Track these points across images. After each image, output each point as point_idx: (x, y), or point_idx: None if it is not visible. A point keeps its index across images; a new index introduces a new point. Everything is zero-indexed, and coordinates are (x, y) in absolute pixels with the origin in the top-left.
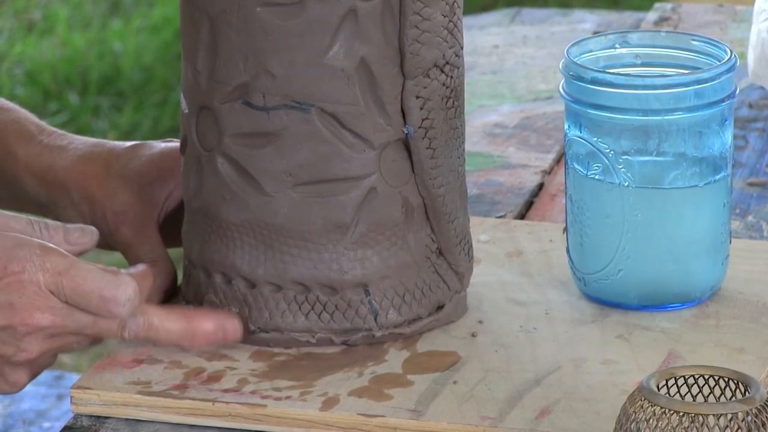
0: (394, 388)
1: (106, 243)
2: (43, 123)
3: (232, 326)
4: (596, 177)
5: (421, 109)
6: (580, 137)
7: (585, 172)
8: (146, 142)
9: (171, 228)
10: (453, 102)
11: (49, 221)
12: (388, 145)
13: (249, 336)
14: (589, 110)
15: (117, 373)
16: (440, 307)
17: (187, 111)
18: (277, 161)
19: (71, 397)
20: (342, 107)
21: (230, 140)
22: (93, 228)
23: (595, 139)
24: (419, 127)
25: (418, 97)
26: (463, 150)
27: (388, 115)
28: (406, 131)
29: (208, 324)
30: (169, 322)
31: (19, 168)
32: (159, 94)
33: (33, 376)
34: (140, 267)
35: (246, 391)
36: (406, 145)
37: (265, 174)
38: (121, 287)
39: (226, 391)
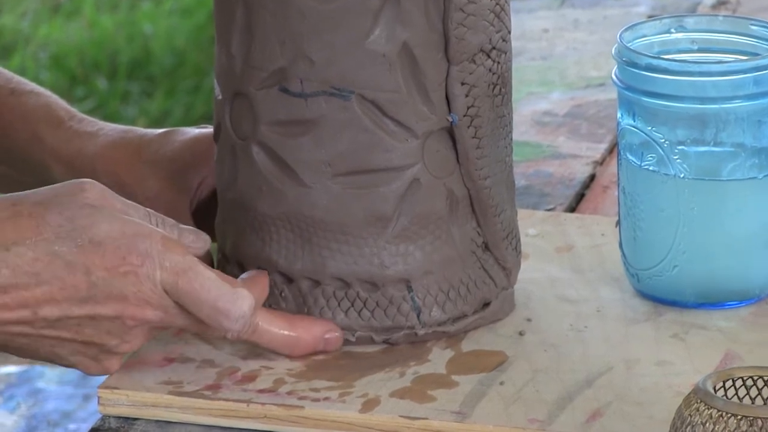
0: (437, 389)
1: None
2: (73, 109)
3: (335, 338)
4: (650, 168)
5: (467, 96)
6: (633, 126)
7: (639, 163)
8: (179, 129)
9: (204, 219)
10: (500, 89)
11: (165, 217)
12: (432, 134)
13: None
14: (643, 98)
15: (147, 372)
16: (486, 305)
17: (220, 97)
18: (315, 151)
19: (98, 397)
20: (383, 94)
21: (266, 128)
22: (206, 235)
23: (650, 128)
24: (464, 116)
25: (463, 84)
26: (511, 139)
27: (431, 103)
28: (450, 119)
29: (312, 334)
30: (274, 326)
31: (46, 154)
32: (191, 79)
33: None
34: (254, 273)
35: (282, 392)
36: (450, 134)
37: (303, 164)
38: (238, 302)
39: (261, 391)
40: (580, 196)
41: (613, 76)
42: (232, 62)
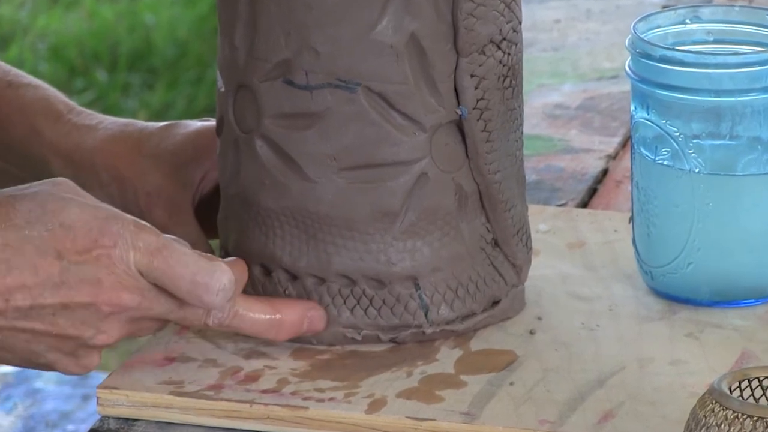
0: (445, 390)
1: None
2: (71, 102)
3: (318, 316)
4: (665, 162)
5: (476, 88)
6: (647, 120)
7: (653, 157)
8: (181, 122)
9: (206, 215)
10: (510, 81)
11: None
12: (440, 127)
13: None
14: (657, 90)
15: (147, 371)
16: (496, 303)
17: (223, 89)
18: (320, 144)
19: (97, 397)
20: (390, 86)
21: (270, 121)
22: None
23: (664, 121)
24: (474, 108)
25: (472, 76)
26: (521, 133)
27: (440, 95)
28: (459, 112)
29: (294, 313)
30: (255, 311)
31: (44, 148)
32: (194, 71)
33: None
34: (234, 259)
35: (286, 392)
36: (459, 127)
37: (308, 158)
38: (216, 274)
39: (264, 391)
40: (592, 191)
41: (627, 68)
42: (236, 54)
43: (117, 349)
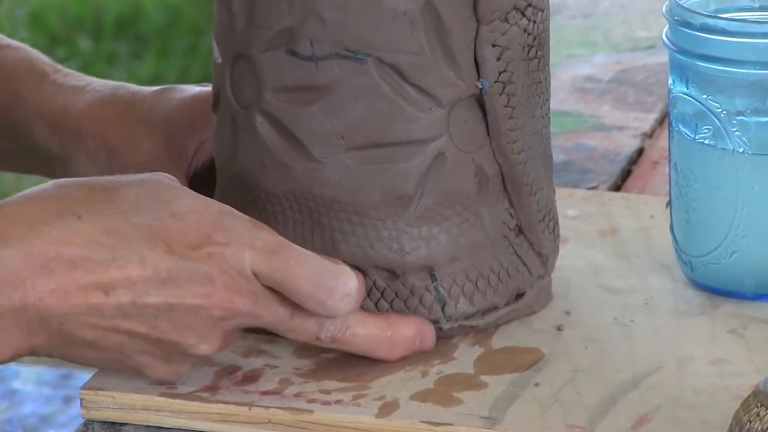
0: (464, 391)
1: None
2: (57, 64)
3: (429, 332)
4: (706, 141)
5: (498, 59)
6: (686, 94)
7: (692, 136)
8: (176, 86)
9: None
10: (536, 51)
11: None
12: (459, 102)
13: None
14: (697, 62)
15: None
16: (520, 296)
17: (220, 60)
18: (326, 121)
19: (81, 399)
20: (404, 57)
21: (271, 95)
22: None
23: (705, 96)
24: (496, 81)
25: (494, 46)
26: (548, 109)
27: (458, 67)
28: (480, 86)
29: (408, 330)
30: (369, 326)
31: (27, 111)
32: (186, 39)
33: None
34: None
35: (289, 394)
36: (480, 102)
37: (313, 136)
38: (342, 277)
39: (265, 393)
40: (626, 173)
41: (664, 38)
42: (234, 21)
43: None
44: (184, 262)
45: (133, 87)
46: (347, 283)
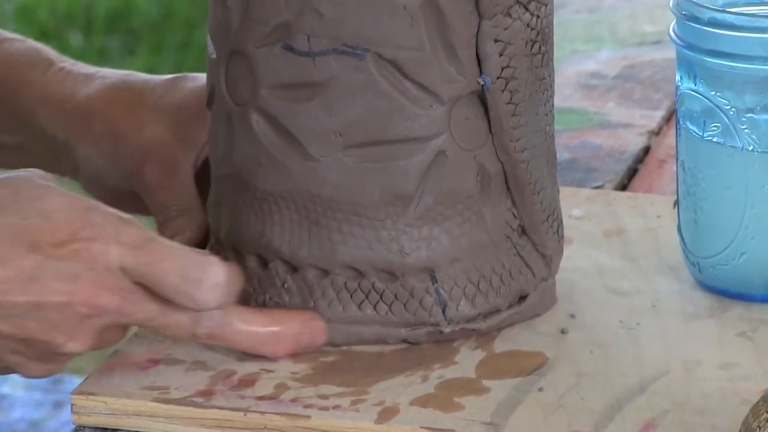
0: (465, 396)
1: (128, 189)
2: (64, 56)
3: (320, 327)
4: (714, 139)
5: (501, 55)
6: (694, 91)
7: (700, 134)
8: (189, 74)
9: (206, 186)
10: (540, 47)
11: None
12: (460, 99)
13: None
14: (705, 58)
15: (128, 375)
16: (523, 298)
17: (214, 56)
18: (324, 118)
19: (72, 404)
20: (404, 53)
21: (268, 92)
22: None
23: (713, 93)
24: (498, 78)
25: (496, 41)
26: (552, 105)
27: (460, 63)
28: (482, 82)
29: (294, 326)
30: (251, 323)
31: (34, 98)
32: (180, 34)
33: None
34: (228, 262)
35: (285, 399)
36: (481, 99)
37: (310, 134)
38: (211, 268)
39: (261, 398)
40: (632, 172)
41: (671, 32)
42: (229, 15)
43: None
44: (49, 261)
45: (144, 75)
46: (216, 274)
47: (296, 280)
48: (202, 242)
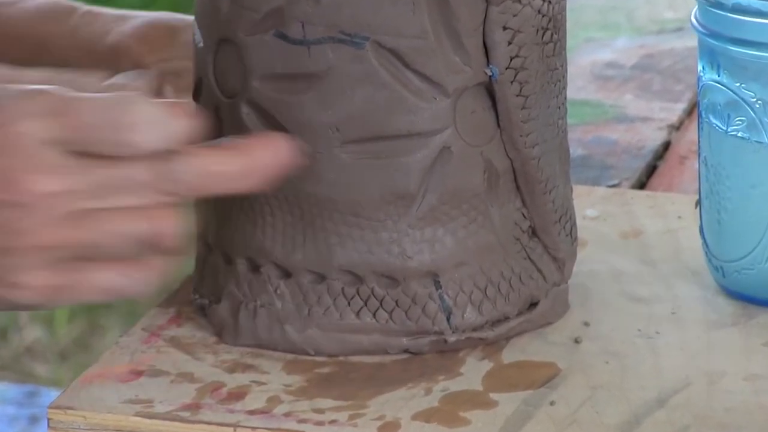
0: (472, 410)
1: None
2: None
3: (287, 149)
4: (739, 134)
5: (510, 43)
6: (717, 82)
7: (724, 128)
8: None
9: None
10: (551, 34)
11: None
12: (466, 90)
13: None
14: (729, 46)
15: (109, 387)
16: (533, 304)
17: (202, 45)
18: (320, 112)
19: (48, 419)
20: (405, 41)
21: (259, 84)
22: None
23: (738, 84)
24: (507, 68)
25: (505, 29)
26: (565, 98)
27: (466, 52)
28: (489, 73)
29: (266, 152)
30: (226, 162)
31: (63, 45)
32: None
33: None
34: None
35: (278, 413)
36: (489, 90)
37: (305, 128)
38: (136, 106)
39: (251, 412)
40: (651, 169)
41: (693, 19)
42: (217, 1)
43: (71, 360)
44: None
45: (183, 15)
46: (144, 110)
47: (290, 285)
48: None
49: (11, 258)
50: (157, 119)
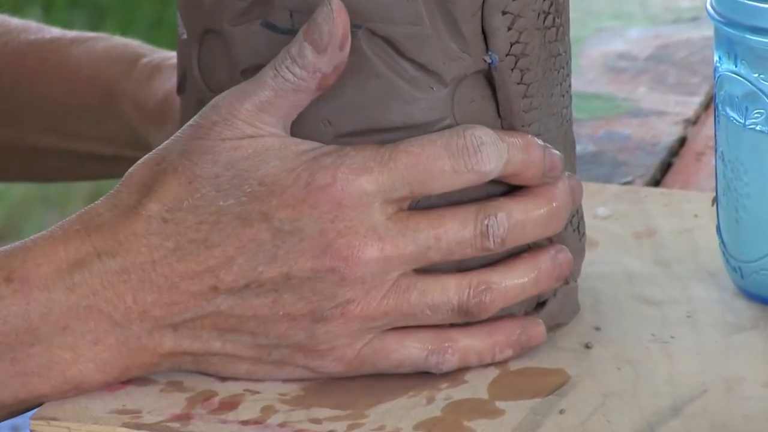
0: (477, 419)
1: None
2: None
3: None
4: (758, 128)
5: (510, 29)
6: (735, 73)
7: (742, 122)
8: None
9: None
10: (553, 19)
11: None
12: (465, 79)
13: None
14: (747, 35)
15: (95, 397)
16: (541, 305)
17: (185, 36)
18: (310, 104)
19: (30, 431)
20: (399, 28)
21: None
22: None
23: (756, 75)
24: (507, 55)
25: (504, 13)
26: (569, 86)
27: (463, 39)
28: (488, 60)
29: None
30: (533, 208)
31: (124, 99)
32: (151, 10)
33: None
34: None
35: (273, 423)
36: (488, 79)
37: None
38: (469, 131)
39: (245, 423)
40: (666, 166)
41: (709, 7)
42: None
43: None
44: (287, 223)
45: None
46: (474, 134)
47: None
48: None
49: (332, 326)
50: (488, 141)
